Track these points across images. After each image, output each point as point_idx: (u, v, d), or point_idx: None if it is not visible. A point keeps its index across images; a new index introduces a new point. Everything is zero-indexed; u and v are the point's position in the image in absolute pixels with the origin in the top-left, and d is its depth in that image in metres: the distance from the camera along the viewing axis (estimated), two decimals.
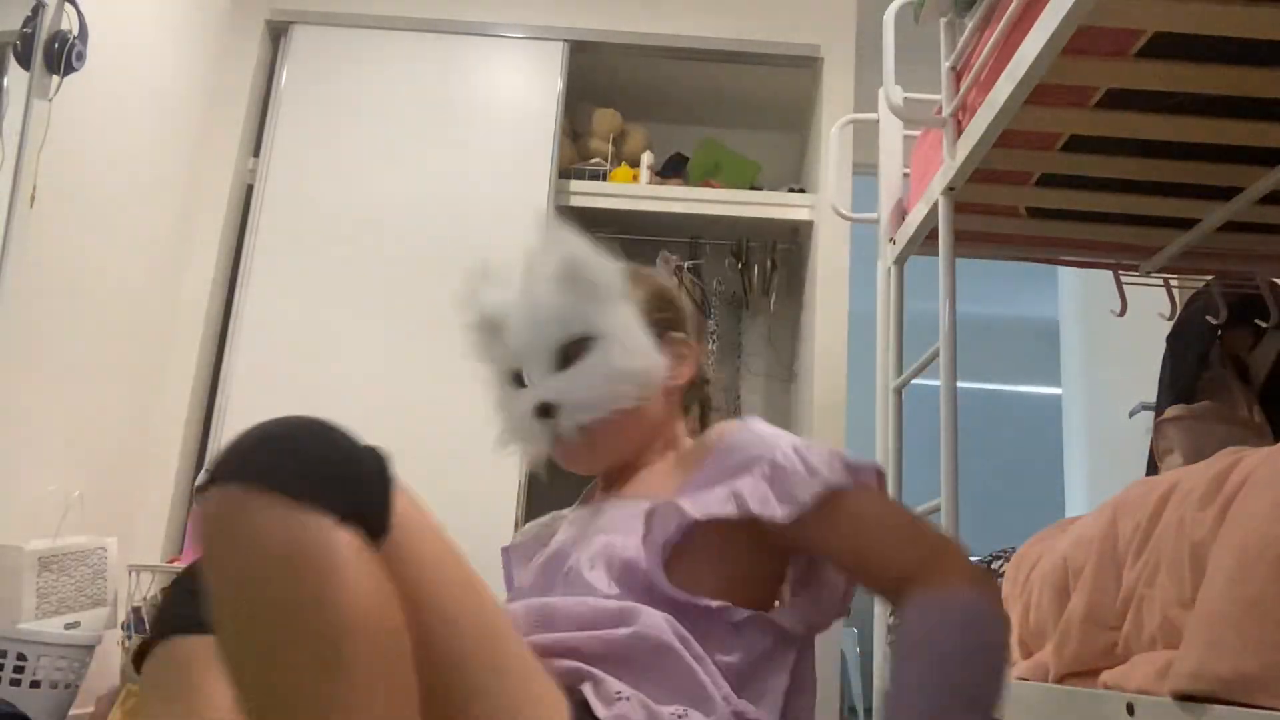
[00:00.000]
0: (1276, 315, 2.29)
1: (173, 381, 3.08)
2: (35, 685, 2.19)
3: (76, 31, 2.40)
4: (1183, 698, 0.97)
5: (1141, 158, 1.90)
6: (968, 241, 2.38)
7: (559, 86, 3.28)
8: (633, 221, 3.48)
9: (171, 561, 2.69)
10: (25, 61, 2.31)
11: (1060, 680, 1.31)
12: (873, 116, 2.61)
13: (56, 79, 2.37)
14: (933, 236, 2.02)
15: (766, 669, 1.00)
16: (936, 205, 1.99)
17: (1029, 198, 2.15)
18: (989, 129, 1.71)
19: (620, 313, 1.12)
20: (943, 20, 2.00)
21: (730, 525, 1.00)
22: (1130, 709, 1.06)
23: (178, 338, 3.11)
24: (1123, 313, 2.58)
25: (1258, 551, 0.92)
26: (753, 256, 3.55)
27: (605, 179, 3.44)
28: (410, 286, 3.10)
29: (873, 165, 2.58)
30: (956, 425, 1.86)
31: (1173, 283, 2.61)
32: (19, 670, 2.17)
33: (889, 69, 2.12)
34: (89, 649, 2.32)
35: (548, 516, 1.25)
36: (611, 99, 3.67)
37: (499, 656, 0.86)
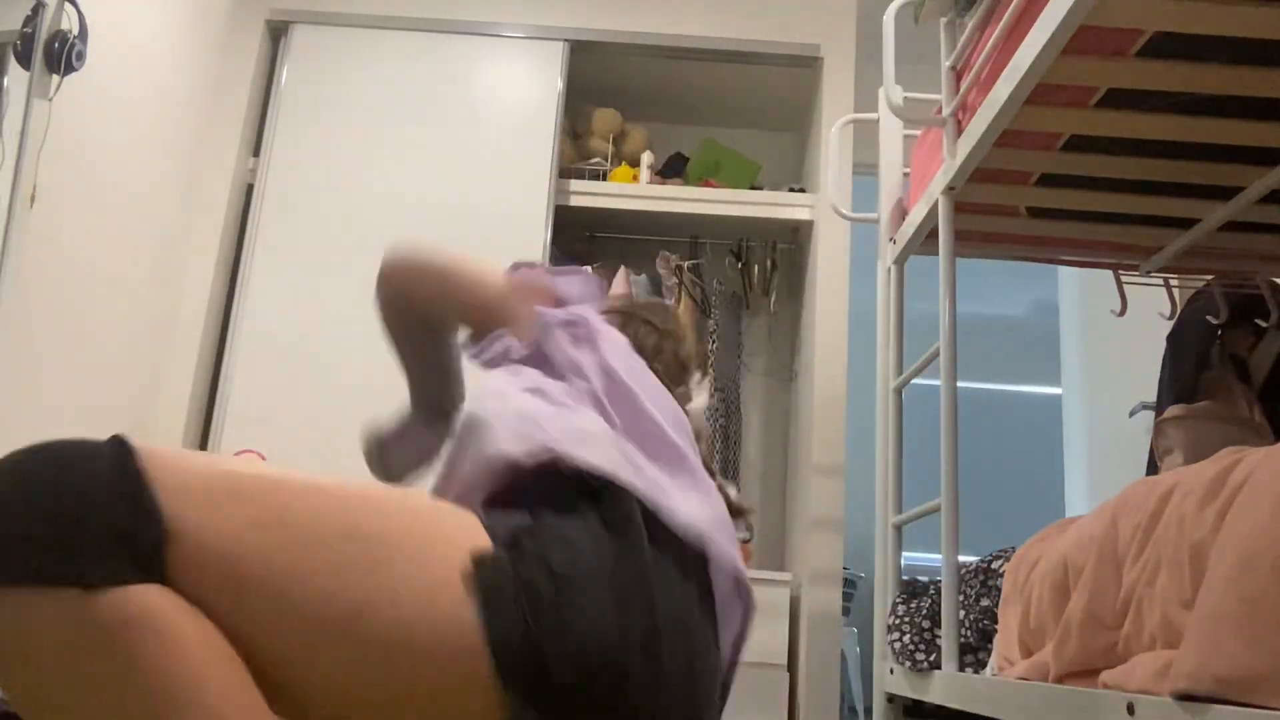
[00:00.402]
0: (1276, 315, 2.28)
1: (173, 381, 3.08)
2: None
3: (76, 31, 2.40)
4: (1183, 697, 0.97)
5: (1141, 157, 1.90)
6: (968, 241, 2.38)
7: (559, 86, 3.28)
8: (633, 221, 3.48)
9: None
10: (25, 61, 2.31)
11: (1060, 680, 1.31)
12: (873, 116, 2.61)
13: (56, 79, 2.38)
14: (933, 236, 2.02)
15: None
16: (936, 205, 1.99)
17: (1029, 197, 2.15)
18: (989, 129, 1.71)
19: None
20: (943, 20, 2.00)
21: None
22: (1130, 709, 1.06)
23: (178, 338, 3.11)
24: (1123, 312, 2.58)
25: (1258, 551, 0.92)
26: (753, 256, 3.55)
27: (605, 179, 3.44)
28: None
29: (873, 165, 2.58)
30: (956, 425, 1.87)
31: (1173, 282, 2.61)
32: None
33: (889, 69, 2.12)
34: None
35: None
36: (612, 99, 3.67)
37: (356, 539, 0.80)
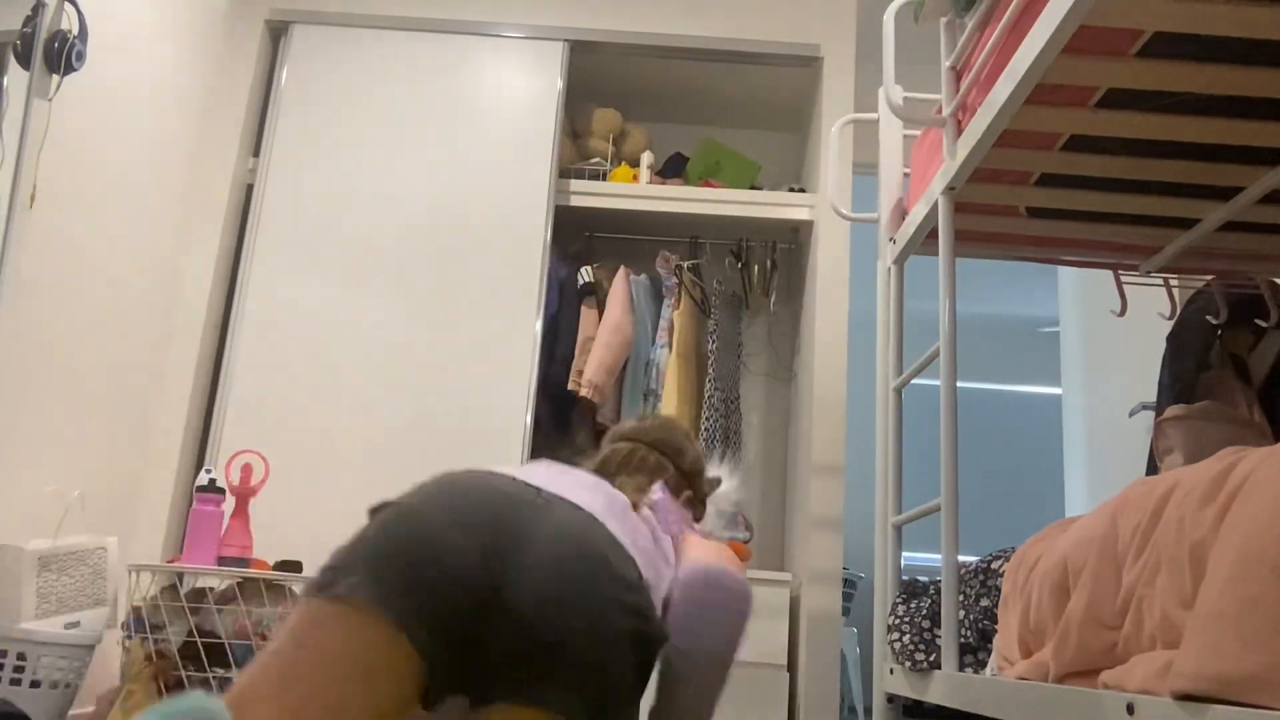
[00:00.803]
0: (1276, 315, 2.28)
1: (173, 381, 3.08)
2: (35, 685, 2.19)
3: (76, 31, 2.40)
4: (1183, 697, 0.97)
5: (1141, 158, 1.90)
6: (968, 241, 2.38)
7: (559, 86, 3.28)
8: (633, 221, 3.48)
9: (171, 561, 2.69)
10: (25, 61, 2.31)
11: (1060, 680, 1.30)
12: (873, 116, 2.61)
13: (56, 79, 2.38)
14: (933, 236, 2.02)
15: None
16: (936, 205, 1.99)
17: (1029, 197, 2.15)
18: (989, 129, 1.71)
19: None
20: (943, 20, 2.00)
21: None
22: (1130, 709, 1.06)
23: (178, 338, 3.11)
24: (1123, 313, 2.58)
25: (1258, 551, 0.92)
26: (753, 256, 3.55)
27: (605, 179, 3.44)
28: (410, 286, 3.11)
29: (873, 165, 2.58)
30: (956, 425, 1.87)
31: (1173, 283, 2.61)
32: (19, 670, 2.18)
33: (889, 69, 2.12)
34: (89, 649, 2.32)
35: None
36: (612, 99, 3.67)
37: None
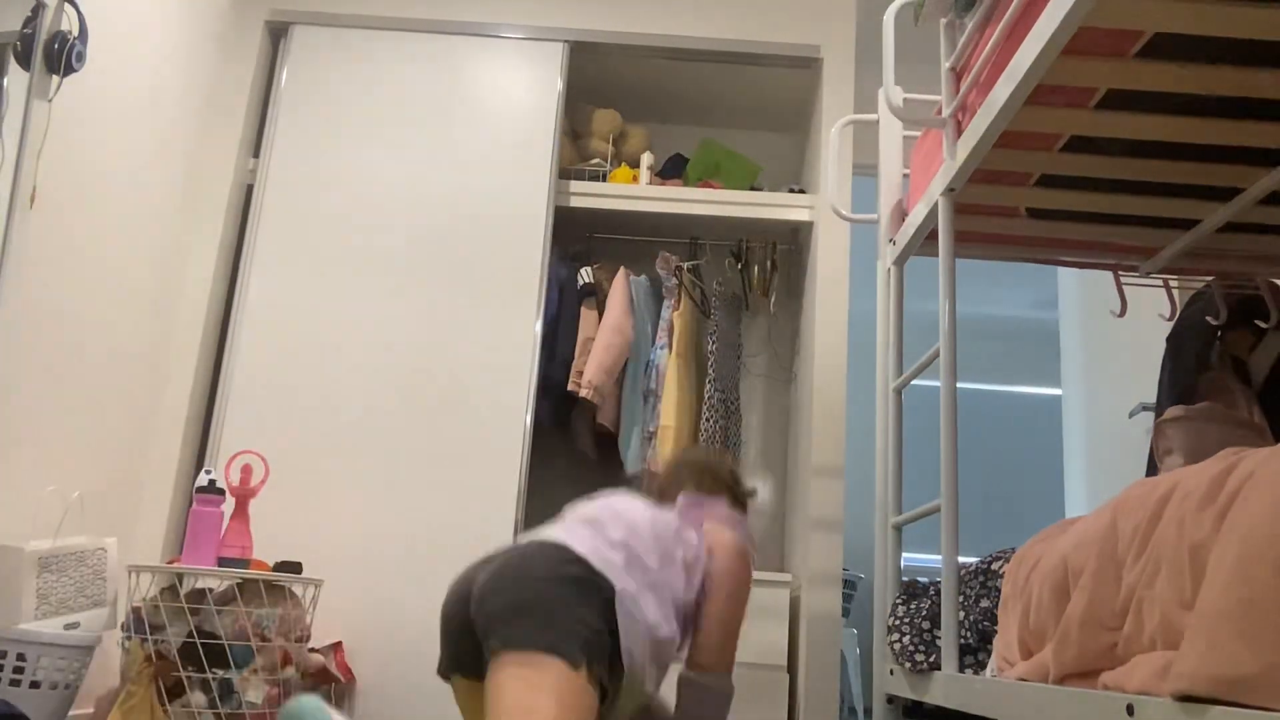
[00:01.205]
0: (1276, 316, 2.28)
1: (173, 382, 3.08)
2: (35, 686, 2.19)
3: (76, 32, 2.40)
4: (1183, 698, 0.97)
5: (1141, 158, 1.90)
6: (968, 242, 2.38)
7: (559, 87, 3.28)
8: (632, 222, 3.48)
9: (171, 562, 2.69)
10: (25, 62, 2.31)
11: (1060, 681, 1.30)
12: (873, 117, 2.61)
13: (56, 79, 2.38)
14: (933, 237, 2.02)
15: None
16: (936, 206, 1.99)
17: (1029, 198, 2.15)
18: (989, 129, 1.71)
19: None
20: (943, 21, 2.00)
21: None
22: (1130, 710, 1.06)
23: (178, 338, 3.11)
24: (1123, 313, 2.58)
25: (1258, 552, 0.92)
26: (753, 257, 3.55)
27: (605, 179, 3.44)
28: (410, 286, 3.11)
29: (873, 166, 2.58)
30: (956, 426, 1.87)
31: (1173, 283, 2.61)
32: (19, 671, 2.17)
33: (889, 69, 2.12)
34: (89, 650, 2.32)
35: None
36: (611, 99, 3.67)
37: None
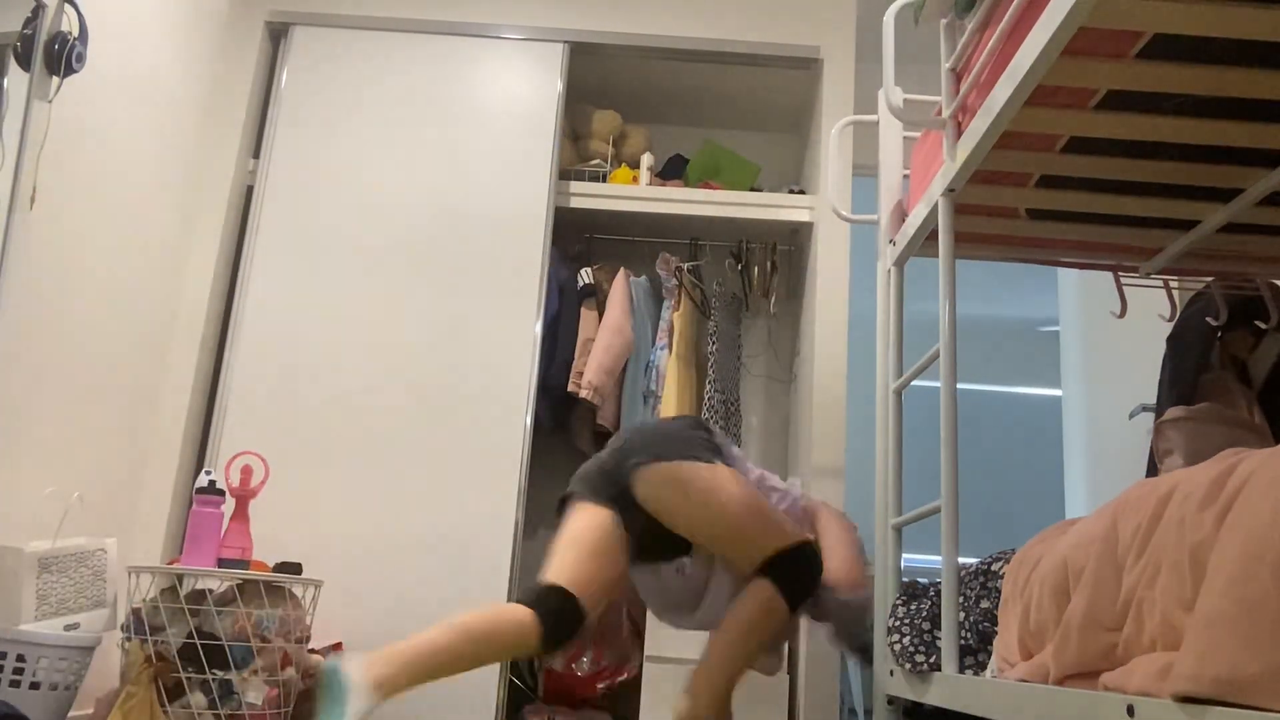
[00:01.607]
0: (1276, 317, 2.28)
1: (173, 382, 3.08)
2: (35, 686, 2.19)
3: (76, 32, 2.40)
4: (1183, 699, 0.97)
5: (1141, 159, 1.90)
6: (968, 243, 2.38)
7: (559, 88, 3.29)
8: (633, 223, 3.48)
9: (171, 563, 2.69)
10: (25, 63, 2.31)
11: (1060, 682, 1.30)
12: (873, 118, 2.61)
13: (56, 80, 2.38)
14: (933, 238, 2.02)
15: None
16: (936, 206, 1.98)
17: (1029, 199, 2.15)
18: (989, 130, 1.71)
19: None
20: (943, 21, 2.00)
21: None
22: (1130, 711, 1.06)
23: (178, 338, 3.11)
24: (1123, 314, 2.58)
25: (1258, 553, 0.92)
26: (753, 258, 3.55)
27: (605, 180, 3.44)
28: (410, 287, 3.11)
29: (873, 166, 2.58)
30: (956, 427, 1.86)
31: (1173, 284, 2.61)
32: (18, 671, 2.17)
33: (889, 70, 2.12)
34: (89, 650, 2.32)
35: None
36: (611, 100, 3.67)
37: None
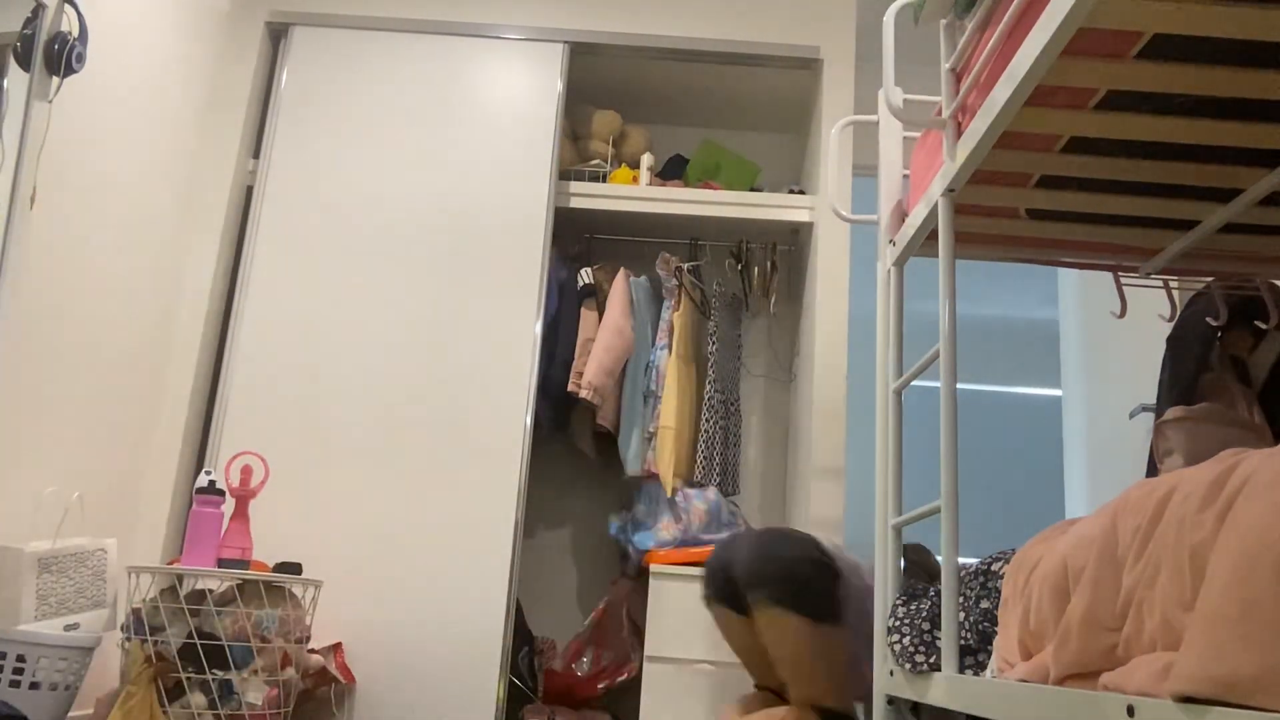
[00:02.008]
0: (1276, 317, 2.28)
1: (173, 382, 3.08)
2: (35, 687, 2.19)
3: (76, 33, 2.40)
4: (1183, 699, 0.97)
5: (1141, 159, 1.90)
6: (968, 243, 2.38)
7: (559, 88, 3.28)
8: (632, 223, 3.48)
9: (171, 563, 2.69)
10: (25, 63, 2.31)
11: (1060, 682, 1.30)
12: (872, 118, 2.61)
13: (56, 80, 2.38)
14: (933, 238, 2.02)
15: None
16: (936, 207, 1.98)
17: (1029, 199, 2.15)
18: (989, 130, 1.71)
19: None
20: (942, 22, 2.00)
21: None
22: (1130, 711, 1.06)
23: (178, 338, 3.11)
24: (1123, 314, 2.58)
25: (1258, 553, 0.92)
26: (752, 258, 3.55)
27: (605, 180, 3.44)
28: (410, 288, 3.11)
29: (873, 166, 2.58)
30: (956, 427, 1.86)
31: (1173, 284, 2.61)
32: (18, 672, 2.17)
33: (889, 70, 2.12)
34: (89, 650, 2.32)
35: None
36: (611, 100, 3.67)
37: None
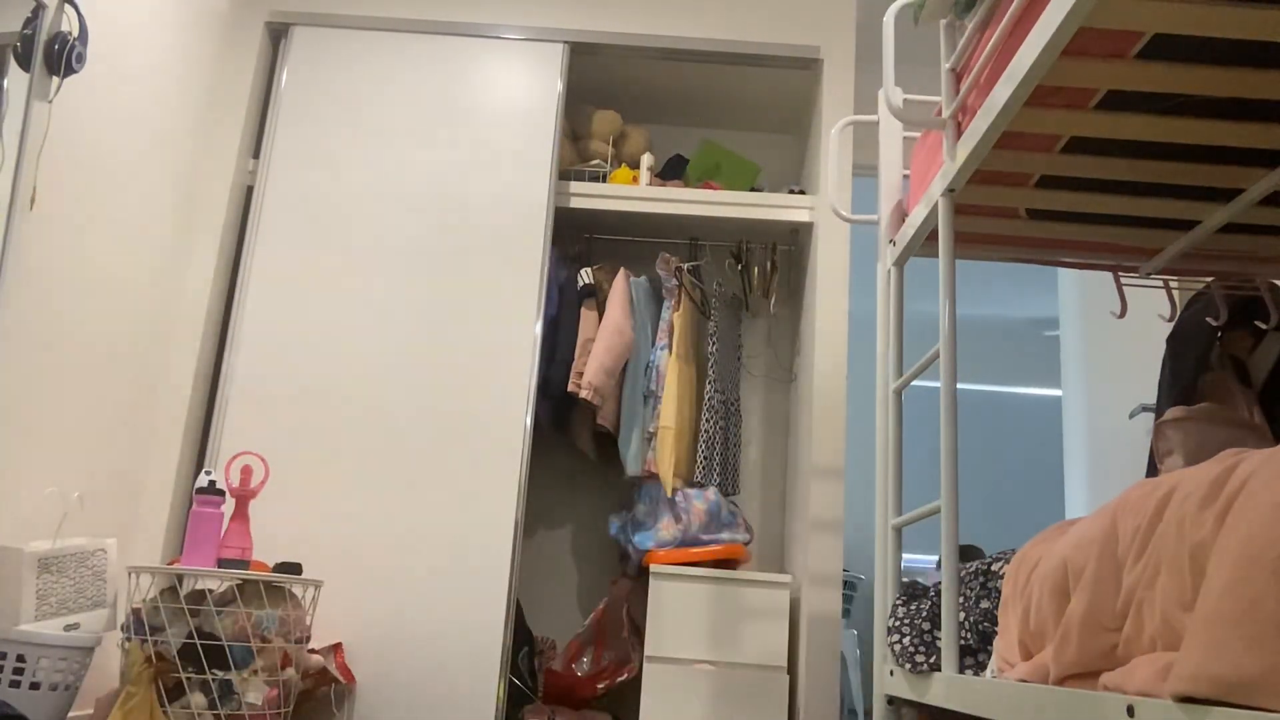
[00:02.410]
0: (1276, 317, 2.29)
1: (173, 382, 3.08)
2: (35, 687, 2.19)
3: (76, 33, 2.40)
4: (1183, 699, 0.97)
5: (1141, 159, 1.90)
6: (968, 243, 2.38)
7: (559, 88, 3.29)
8: (632, 223, 3.48)
9: (171, 563, 2.69)
10: (25, 63, 2.31)
11: (1060, 682, 1.30)
12: (873, 118, 2.61)
13: (56, 80, 2.38)
14: (933, 238, 2.02)
15: None
16: (936, 207, 1.99)
17: (1029, 199, 2.15)
18: (989, 130, 1.71)
19: None
20: (943, 22, 2.00)
21: None
22: (1130, 711, 1.06)
23: (178, 338, 3.11)
24: (1123, 314, 2.58)
25: (1258, 553, 0.92)
26: (753, 258, 3.55)
27: (605, 180, 3.44)
28: (409, 287, 3.11)
29: (873, 166, 2.58)
30: (956, 427, 1.87)
31: (1173, 284, 2.61)
32: (18, 672, 2.18)
33: (889, 70, 2.12)
34: (89, 650, 2.32)
35: None
36: (611, 100, 3.67)
37: None
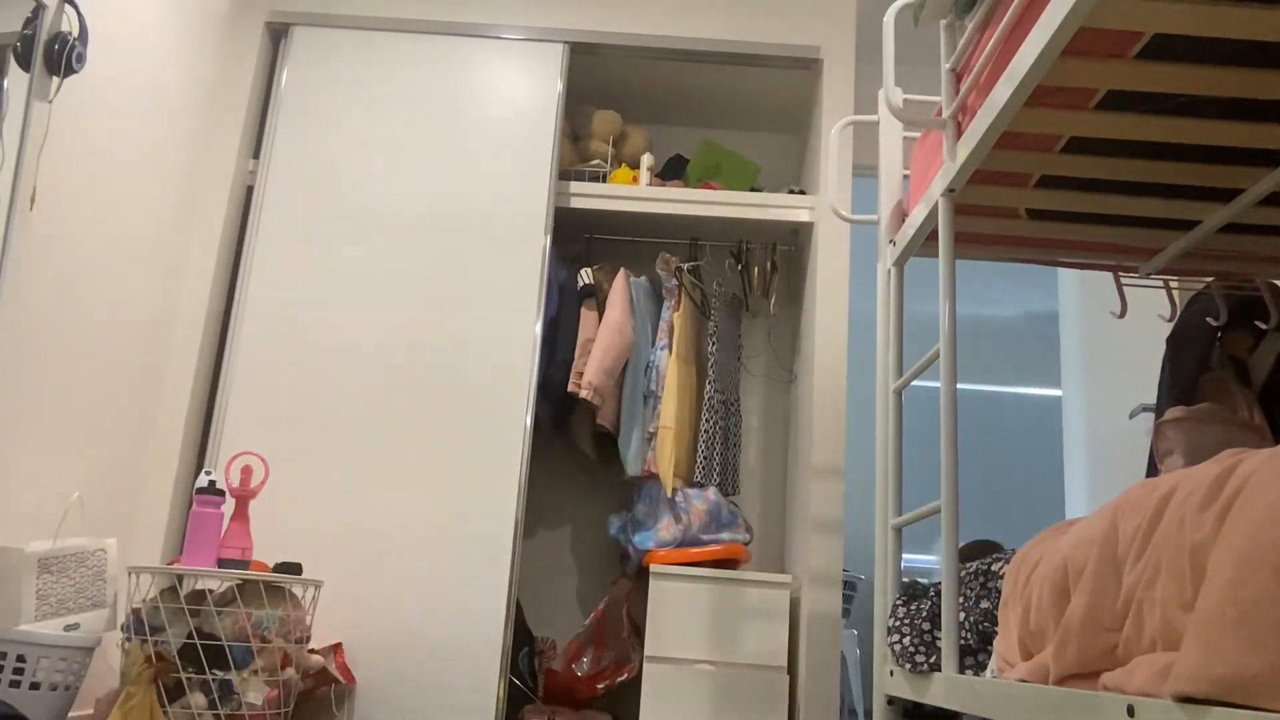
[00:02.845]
0: (1276, 317, 2.29)
1: (173, 382, 3.08)
2: (35, 687, 2.19)
3: (76, 33, 2.40)
4: (1183, 700, 0.97)
5: (1141, 159, 1.90)
6: (968, 243, 2.38)
7: (559, 88, 3.29)
8: (632, 223, 3.48)
9: (171, 563, 2.69)
10: (25, 63, 2.31)
11: (1060, 682, 1.31)
12: (873, 118, 2.61)
13: (56, 80, 2.38)
14: (933, 238, 2.02)
15: None
16: (936, 207, 1.99)
17: (1029, 199, 2.15)
18: (989, 130, 1.71)
19: None
20: (943, 22, 2.00)
21: None
22: (1130, 711, 1.06)
23: (178, 338, 3.11)
24: (1123, 314, 2.58)
25: (1258, 553, 0.92)
26: (752, 258, 3.55)
27: (605, 180, 3.44)
28: (409, 287, 3.11)
29: (873, 166, 2.58)
30: (956, 427, 1.87)
31: (1173, 284, 2.61)
32: (18, 672, 2.17)
33: (889, 70, 2.12)
34: (89, 651, 2.32)
35: None
36: (611, 101, 3.67)
37: None
